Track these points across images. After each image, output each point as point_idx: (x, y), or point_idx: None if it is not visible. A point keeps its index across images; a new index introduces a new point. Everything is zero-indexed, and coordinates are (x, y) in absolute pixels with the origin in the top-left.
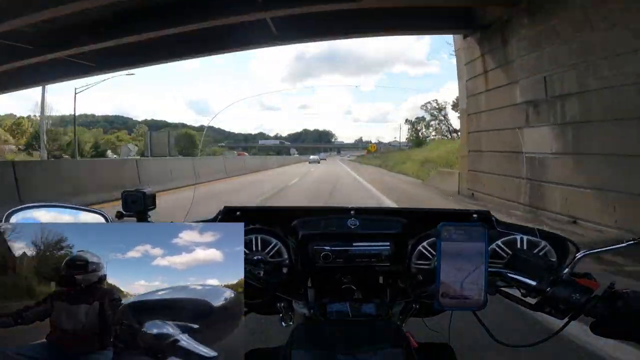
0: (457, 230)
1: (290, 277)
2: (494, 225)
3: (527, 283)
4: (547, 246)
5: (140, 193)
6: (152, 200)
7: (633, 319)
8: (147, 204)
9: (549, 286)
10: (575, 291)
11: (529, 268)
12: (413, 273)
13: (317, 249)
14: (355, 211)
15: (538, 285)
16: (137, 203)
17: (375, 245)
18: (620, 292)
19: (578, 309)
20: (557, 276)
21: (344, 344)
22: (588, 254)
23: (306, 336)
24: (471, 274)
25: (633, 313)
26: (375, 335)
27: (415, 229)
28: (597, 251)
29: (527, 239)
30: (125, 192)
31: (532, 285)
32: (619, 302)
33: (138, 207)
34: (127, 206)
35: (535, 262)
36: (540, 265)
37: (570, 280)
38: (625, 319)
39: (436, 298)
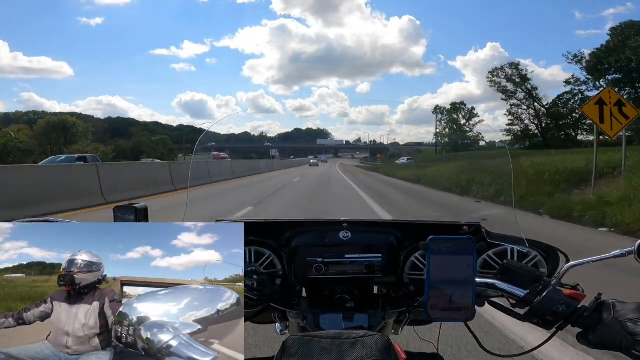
0: (445, 243)
1: (284, 287)
2: (484, 237)
3: (515, 294)
4: (537, 256)
5: (133, 208)
6: (144, 214)
7: (618, 329)
8: (138, 218)
9: (536, 297)
10: (561, 302)
11: (518, 279)
12: (406, 283)
13: (309, 260)
14: (347, 223)
15: (526, 296)
16: (130, 217)
17: (368, 257)
18: (607, 303)
19: (565, 319)
20: (545, 287)
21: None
22: (575, 265)
23: (296, 348)
24: (460, 286)
25: (619, 323)
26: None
27: (407, 240)
28: (584, 261)
29: (518, 249)
30: (117, 207)
31: (520, 296)
32: (605, 312)
33: (130, 221)
34: (119, 220)
35: (524, 273)
36: (529, 276)
37: (557, 291)
38: (611, 329)
39: (425, 309)
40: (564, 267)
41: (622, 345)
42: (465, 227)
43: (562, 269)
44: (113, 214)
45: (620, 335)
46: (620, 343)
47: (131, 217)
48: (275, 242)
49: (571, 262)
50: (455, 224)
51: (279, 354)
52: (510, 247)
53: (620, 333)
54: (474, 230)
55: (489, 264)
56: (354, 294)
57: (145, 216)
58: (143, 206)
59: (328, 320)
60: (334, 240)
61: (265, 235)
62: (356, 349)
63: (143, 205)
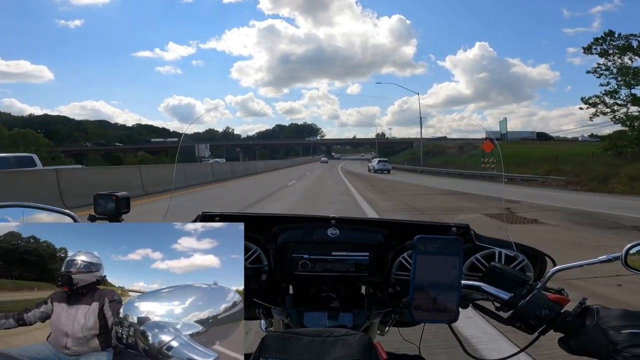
0: (432, 243)
1: (270, 283)
2: (472, 239)
3: (500, 297)
4: (524, 260)
5: (113, 196)
6: (125, 203)
7: (599, 336)
8: (120, 207)
9: (520, 300)
10: (545, 306)
11: (504, 282)
12: (392, 283)
13: (295, 256)
14: (336, 220)
15: (510, 299)
16: (110, 205)
17: (355, 255)
18: (592, 308)
19: (547, 324)
20: (530, 291)
21: (312, 354)
22: (561, 269)
23: (275, 345)
24: (445, 287)
25: (600, 330)
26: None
27: (396, 240)
28: (569, 266)
29: (505, 253)
30: (98, 195)
31: (504, 299)
32: (588, 318)
33: (111, 209)
34: (99, 209)
35: (509, 277)
36: (514, 280)
37: (541, 295)
38: (592, 336)
39: (409, 310)
40: (549, 271)
41: (601, 352)
42: (454, 228)
43: (548, 273)
44: (93, 202)
45: (600, 342)
46: (600, 351)
47: (112, 204)
48: (263, 236)
49: (557, 266)
50: (444, 224)
51: (257, 350)
52: (498, 250)
53: (601, 340)
54: (463, 231)
55: (476, 266)
56: (340, 292)
57: (127, 205)
58: (125, 195)
59: (312, 318)
60: (321, 237)
61: (252, 230)
62: (336, 348)
63: (125, 194)
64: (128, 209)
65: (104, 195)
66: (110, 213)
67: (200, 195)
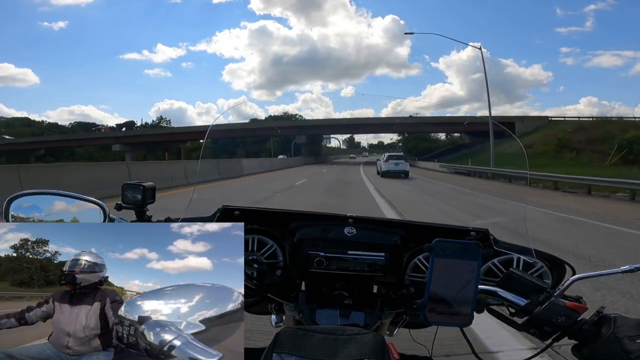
0: (451, 246)
1: (284, 279)
2: (491, 244)
3: (516, 302)
4: (543, 267)
5: (141, 186)
6: (151, 193)
7: (614, 345)
8: (146, 197)
9: (536, 307)
10: (561, 313)
11: (521, 288)
12: (406, 285)
13: (311, 254)
14: (353, 219)
15: (526, 306)
16: (137, 196)
17: (370, 255)
18: (609, 317)
19: (562, 331)
20: (547, 298)
21: (325, 351)
22: (581, 278)
23: (288, 341)
24: (461, 290)
25: (616, 339)
26: (357, 345)
27: (412, 241)
28: (590, 275)
29: (524, 259)
30: (125, 185)
31: (520, 305)
32: (605, 327)
33: (137, 199)
34: (127, 198)
35: (527, 283)
36: (532, 286)
37: (559, 302)
38: (607, 344)
39: (423, 312)
40: (569, 279)
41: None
42: (473, 233)
43: (567, 281)
44: (121, 191)
45: (615, 351)
46: (615, 358)
47: (138, 195)
48: (280, 232)
49: (577, 274)
50: (463, 228)
51: (271, 345)
52: (517, 256)
53: (616, 349)
54: (482, 236)
55: (493, 271)
56: (353, 291)
57: (152, 195)
58: (151, 185)
59: (324, 315)
60: (338, 235)
61: (270, 225)
62: (349, 346)
63: (151, 185)
64: (154, 199)
65: (132, 185)
66: (136, 203)
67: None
